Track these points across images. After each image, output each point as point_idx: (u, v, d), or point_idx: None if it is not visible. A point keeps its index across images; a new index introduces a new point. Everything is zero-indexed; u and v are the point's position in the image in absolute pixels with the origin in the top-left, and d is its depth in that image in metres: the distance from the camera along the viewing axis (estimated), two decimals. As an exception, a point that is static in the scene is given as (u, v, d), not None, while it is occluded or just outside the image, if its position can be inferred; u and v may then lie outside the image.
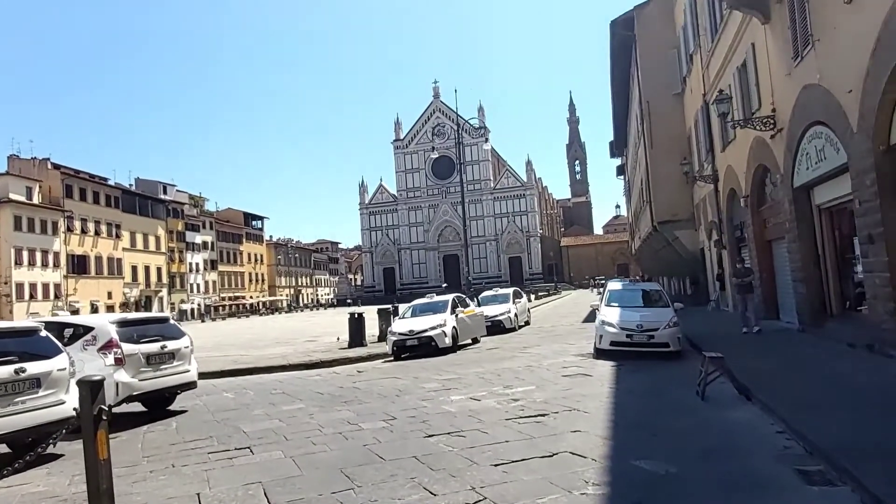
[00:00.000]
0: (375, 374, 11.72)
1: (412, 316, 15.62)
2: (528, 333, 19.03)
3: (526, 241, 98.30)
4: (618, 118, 46.58)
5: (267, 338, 25.78)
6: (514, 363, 11.66)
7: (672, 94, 27.02)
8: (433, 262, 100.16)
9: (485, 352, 14.33)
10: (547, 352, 13.31)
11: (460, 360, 13.00)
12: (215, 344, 24.05)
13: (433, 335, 14.16)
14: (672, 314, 11.73)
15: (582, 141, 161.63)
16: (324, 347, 18.01)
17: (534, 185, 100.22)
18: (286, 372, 13.75)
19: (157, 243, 75.62)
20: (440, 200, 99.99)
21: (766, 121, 12.82)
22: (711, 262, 23.44)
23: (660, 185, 27.58)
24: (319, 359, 14.89)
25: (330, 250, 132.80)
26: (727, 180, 18.47)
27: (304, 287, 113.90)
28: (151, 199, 75.64)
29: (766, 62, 12.99)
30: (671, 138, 27.00)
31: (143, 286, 72.20)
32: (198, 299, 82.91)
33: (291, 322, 43.13)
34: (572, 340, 15.51)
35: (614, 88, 39.09)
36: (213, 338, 29.04)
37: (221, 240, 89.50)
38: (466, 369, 11.19)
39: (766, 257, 15.68)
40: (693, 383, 8.59)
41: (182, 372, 8.53)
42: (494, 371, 10.72)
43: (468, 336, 15.86)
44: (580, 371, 10.23)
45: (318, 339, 22.13)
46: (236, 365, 14.88)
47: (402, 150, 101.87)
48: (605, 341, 11.64)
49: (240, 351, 19.54)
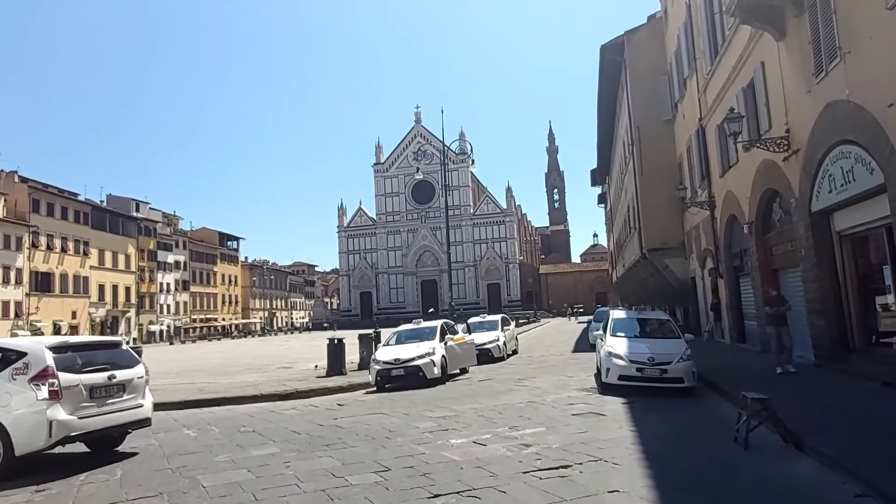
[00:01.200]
0: (359, 408, 10.47)
1: (397, 343, 14.42)
2: (518, 363, 17.93)
3: (505, 268, 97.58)
4: (602, 146, 46.40)
5: (238, 363, 24.21)
6: (514, 398, 10.53)
7: (663, 120, 26.63)
8: (411, 286, 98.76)
9: (477, 384, 13.16)
10: (546, 385, 12.21)
11: (452, 393, 11.82)
12: (182, 369, 22.46)
13: (421, 364, 12.98)
14: (685, 346, 10.77)
15: (561, 170, 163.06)
16: (300, 375, 16.66)
17: (513, 211, 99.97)
18: (258, 403, 12.43)
19: (127, 262, 73.07)
20: (419, 225, 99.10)
21: (780, 142, 12.11)
22: (705, 291, 22.72)
23: (650, 212, 27.00)
24: (295, 388, 13.58)
25: (306, 273, 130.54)
26: (726, 206, 17.80)
27: (279, 310, 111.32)
28: (123, 217, 73.31)
29: (779, 80, 12.34)
30: (661, 165, 26.53)
31: (109, 306, 69.45)
32: (168, 321, 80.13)
33: (265, 346, 41.33)
34: (569, 372, 14.46)
35: (601, 115, 38.88)
36: (181, 362, 27.33)
37: (195, 260, 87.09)
38: (461, 405, 10.03)
39: (771, 287, 14.86)
40: (720, 426, 7.63)
41: (134, 407, 7.23)
42: (494, 407, 9.58)
43: (457, 366, 14.69)
44: (590, 409, 9.15)
45: (294, 366, 20.72)
46: (202, 394, 13.49)
47: (383, 174, 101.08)
48: (612, 375, 10.61)
49: (208, 378, 18.07)
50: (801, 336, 13.69)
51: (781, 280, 14.67)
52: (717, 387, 10.77)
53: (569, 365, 16.43)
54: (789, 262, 13.63)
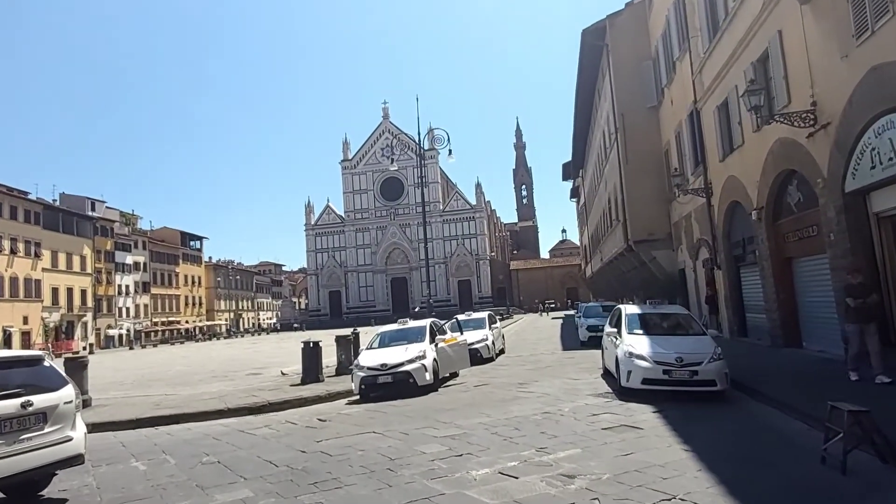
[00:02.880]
0: (345, 425, 8.93)
1: (381, 346, 12.88)
2: (510, 364, 16.57)
3: (476, 265, 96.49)
4: (578, 137, 45.52)
5: (202, 370, 22.27)
6: (524, 408, 9.14)
7: (647, 106, 25.65)
8: (381, 285, 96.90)
9: (474, 390, 11.73)
10: (553, 390, 10.86)
11: (450, 402, 10.36)
12: (138, 378, 20.46)
13: (411, 370, 11.48)
14: (713, 344, 9.54)
15: (528, 166, 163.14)
16: (271, 384, 14.98)
17: (483, 208, 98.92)
18: (224, 419, 10.77)
19: (83, 263, 69.40)
20: (388, 222, 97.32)
21: (805, 116, 11.00)
22: (697, 283, 21.77)
23: (635, 202, 26.02)
24: (267, 400, 11.94)
25: (273, 273, 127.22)
26: (727, 192, 16.77)
27: (246, 311, 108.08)
28: (77, 216, 69.55)
29: (802, 49, 11.23)
30: (647, 153, 25.57)
31: (64, 310, 65.83)
32: (127, 324, 76.61)
33: (231, 350, 39.13)
34: (572, 374, 13.16)
35: (578, 105, 37.88)
36: (138, 370, 25.19)
37: (155, 260, 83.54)
38: (466, 418, 8.58)
39: (784, 277, 13.86)
40: (784, 441, 6.40)
41: (58, 442, 5.54)
42: (506, 421, 8.17)
43: (450, 370, 13.22)
44: (620, 421, 7.83)
45: (263, 372, 18.98)
46: (158, 410, 11.75)
47: (351, 171, 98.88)
48: (634, 378, 9.31)
49: (167, 388, 16.23)
50: (816, 328, 12.70)
51: (796, 269, 13.65)
52: (745, 387, 9.59)
53: (566, 365, 15.14)
54: (808, 250, 12.59)
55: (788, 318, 13.76)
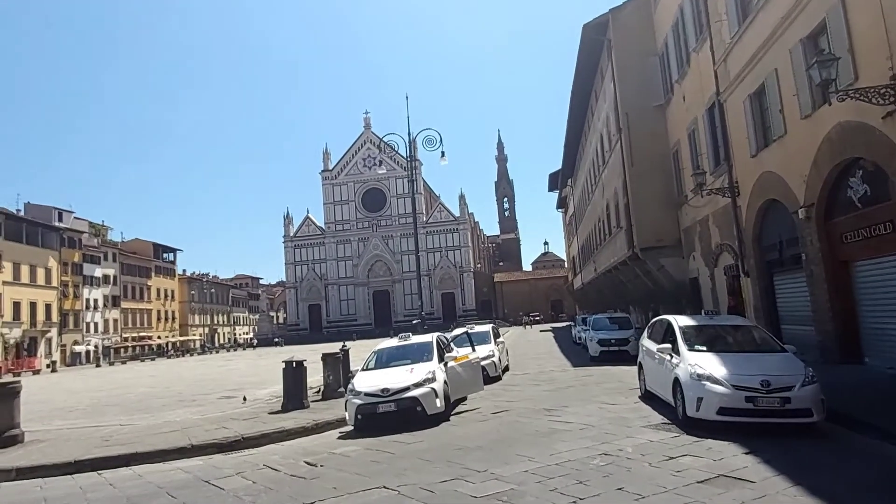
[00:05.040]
0: (344, 473, 6.83)
1: (378, 366, 10.79)
2: (521, 384, 14.59)
3: (459, 277, 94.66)
4: (569, 144, 44.05)
5: (168, 392, 19.86)
6: (573, 447, 7.15)
7: (653, 105, 24.14)
8: (362, 297, 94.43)
9: (495, 420, 9.70)
10: (593, 419, 8.89)
11: (472, 437, 8.30)
12: (93, 403, 18.02)
13: (418, 395, 9.40)
14: (802, 364, 7.70)
15: (510, 178, 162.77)
16: (246, 411, 12.77)
17: (466, 219, 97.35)
18: (187, 460, 8.62)
19: (48, 276, 65.86)
20: (370, 234, 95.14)
21: (884, 92, 9.31)
22: (715, 292, 20.06)
23: (641, 207, 24.39)
24: (240, 434, 9.77)
25: (250, 286, 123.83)
26: (761, 190, 15.09)
27: (221, 325, 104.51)
28: (42, 226, 66.10)
29: (876, 15, 9.59)
30: (653, 155, 24.00)
31: (27, 326, 62.21)
32: (95, 340, 73.00)
33: (204, 367, 36.47)
34: (601, 396, 11.24)
35: (572, 109, 36.42)
36: (96, 392, 22.62)
37: (126, 273, 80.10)
38: (505, 463, 6.56)
39: (840, 283, 12.14)
40: None
41: None
42: (558, 468, 6.17)
43: (461, 393, 11.14)
44: (712, 468, 5.89)
45: (237, 394, 16.69)
46: (105, 447, 9.52)
47: (331, 181, 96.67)
48: (707, 408, 7.40)
49: (122, 415, 13.92)
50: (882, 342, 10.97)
51: (854, 274, 11.94)
52: (838, 415, 7.73)
53: (589, 386, 13.21)
54: (875, 250, 10.88)
55: (845, 329, 12.02)
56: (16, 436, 10.20)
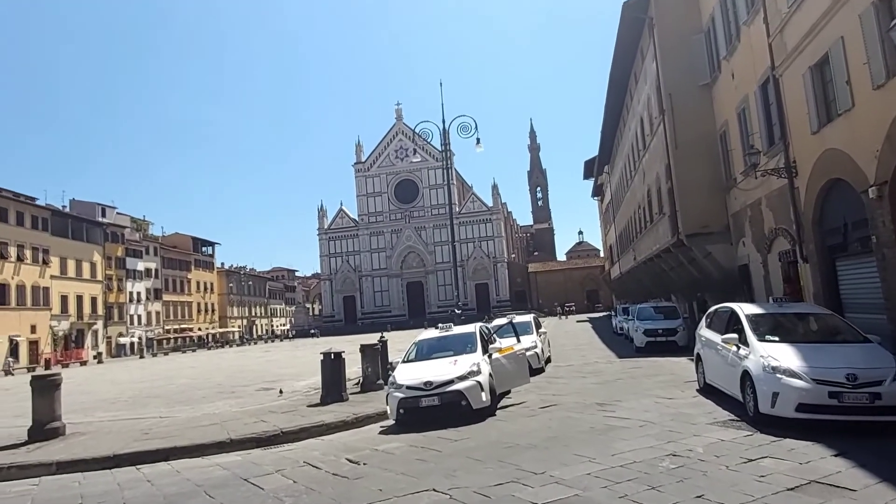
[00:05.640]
0: (389, 473, 6.41)
1: (419, 358, 10.36)
2: (566, 376, 14.01)
3: (493, 268, 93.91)
4: (606, 130, 42.84)
5: (208, 383, 19.88)
6: (634, 446, 6.59)
7: (699, 85, 23.03)
8: (396, 289, 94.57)
9: (545, 414, 9.17)
10: (651, 415, 8.29)
11: (522, 434, 7.81)
12: (136, 394, 18.11)
13: (463, 389, 8.94)
14: (891, 356, 6.95)
15: (543, 168, 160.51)
16: (285, 403, 12.53)
17: (500, 209, 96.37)
18: (225, 455, 8.36)
19: (93, 270, 67.76)
20: (403, 225, 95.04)
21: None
22: (768, 280, 19.03)
23: (686, 192, 23.33)
24: (279, 428, 9.48)
25: (286, 278, 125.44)
26: (822, 170, 14.09)
27: (259, 318, 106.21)
28: (87, 222, 67.93)
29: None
30: (699, 137, 22.90)
31: (74, 318, 64.18)
32: (139, 332, 74.85)
33: (243, 359, 36.80)
34: (655, 389, 10.61)
35: (610, 92, 35.27)
36: (139, 383, 22.87)
37: (167, 267, 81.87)
38: (564, 463, 6.04)
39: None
40: None
41: None
42: (624, 470, 5.63)
43: (506, 387, 10.63)
44: (799, 473, 5.27)
45: (275, 386, 16.53)
46: (145, 440, 9.33)
47: (364, 174, 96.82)
48: (784, 403, 6.74)
49: (163, 407, 13.85)
50: None
51: (933, 257, 10.97)
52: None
53: (638, 378, 12.56)
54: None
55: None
56: (57, 428, 10.11)
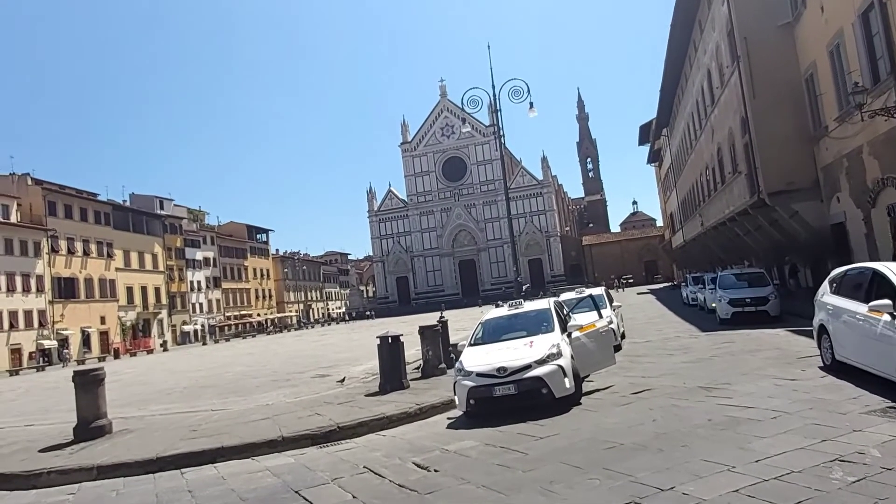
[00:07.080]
0: (467, 484, 5.19)
1: (488, 340, 9.09)
2: (649, 353, 12.53)
3: (546, 242, 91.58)
4: (666, 88, 40.09)
5: (263, 371, 19.32)
6: (779, 446, 5.15)
7: (778, 25, 20.61)
8: (448, 268, 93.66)
9: (640, 402, 7.78)
10: (779, 402, 6.79)
11: (620, 429, 6.46)
12: (192, 384, 17.68)
13: (543, 375, 7.63)
14: None
15: (593, 137, 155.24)
16: (341, 392, 11.57)
17: (550, 182, 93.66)
18: (276, 457, 7.39)
19: (154, 261, 69.66)
20: (453, 203, 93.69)
21: None
22: (872, 238, 16.83)
23: (768, 146, 21.04)
24: (336, 423, 8.45)
25: (339, 262, 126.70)
26: (949, 104, 11.97)
27: (315, 301, 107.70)
28: (146, 215, 69.77)
29: None
30: (780, 84, 20.56)
31: (140, 308, 66.23)
32: (201, 320, 76.83)
33: (299, 344, 36.65)
34: (766, 368, 9.04)
35: (671, 45, 32.67)
36: (196, 371, 22.64)
37: (224, 255, 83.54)
38: (691, 473, 4.68)
39: None
40: None
41: None
42: (791, 490, 4.21)
43: (589, 370, 9.24)
44: None
45: (332, 371, 15.71)
46: (192, 440, 8.49)
47: (411, 153, 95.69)
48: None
49: (217, 398, 13.18)
50: None
51: None
52: None
53: (736, 354, 10.97)
54: None
55: None
56: (102, 426, 9.42)
